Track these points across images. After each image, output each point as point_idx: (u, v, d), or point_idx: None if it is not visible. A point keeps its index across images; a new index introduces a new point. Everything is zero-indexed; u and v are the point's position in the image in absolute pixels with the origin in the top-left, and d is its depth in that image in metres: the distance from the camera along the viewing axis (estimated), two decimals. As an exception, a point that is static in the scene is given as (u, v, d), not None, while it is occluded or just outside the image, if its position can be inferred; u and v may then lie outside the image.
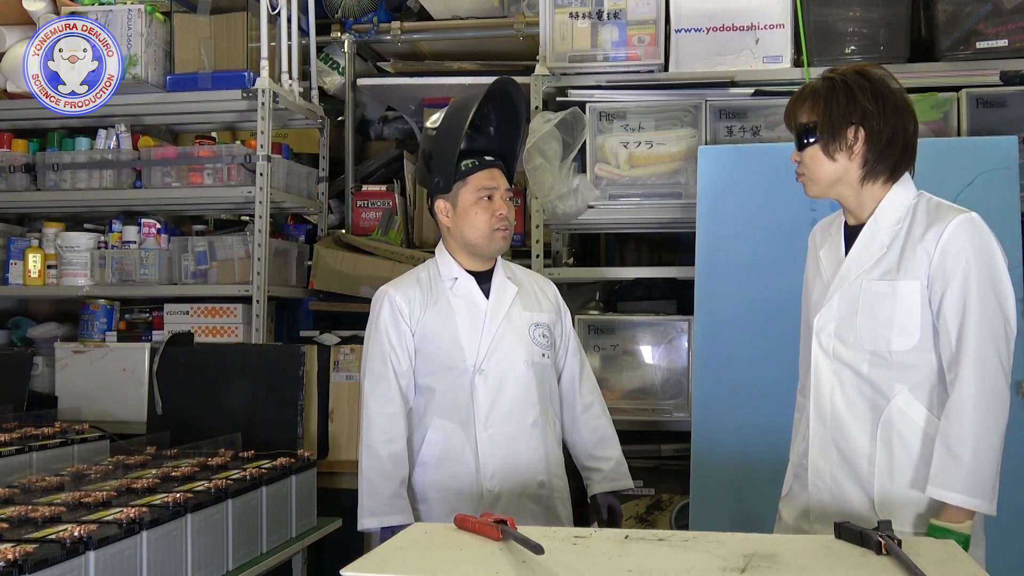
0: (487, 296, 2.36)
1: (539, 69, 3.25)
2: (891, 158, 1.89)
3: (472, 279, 2.37)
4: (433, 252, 3.79)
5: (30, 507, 2.00)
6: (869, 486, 1.88)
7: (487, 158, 2.33)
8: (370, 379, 2.35)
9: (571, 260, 3.52)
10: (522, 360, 2.33)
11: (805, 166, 1.93)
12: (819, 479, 1.94)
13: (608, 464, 2.42)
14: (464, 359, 2.32)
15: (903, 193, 1.92)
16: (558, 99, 3.24)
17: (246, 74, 3.51)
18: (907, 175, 1.94)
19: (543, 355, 2.36)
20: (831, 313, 1.94)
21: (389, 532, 2.25)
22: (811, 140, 1.90)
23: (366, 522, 2.29)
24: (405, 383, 2.35)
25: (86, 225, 3.96)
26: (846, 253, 1.96)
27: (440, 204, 2.36)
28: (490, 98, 2.33)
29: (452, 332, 2.33)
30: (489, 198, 2.31)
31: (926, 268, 1.84)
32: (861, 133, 1.88)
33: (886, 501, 1.86)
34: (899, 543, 1.50)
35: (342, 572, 1.44)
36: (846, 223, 1.99)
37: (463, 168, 2.31)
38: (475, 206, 2.31)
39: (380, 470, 2.29)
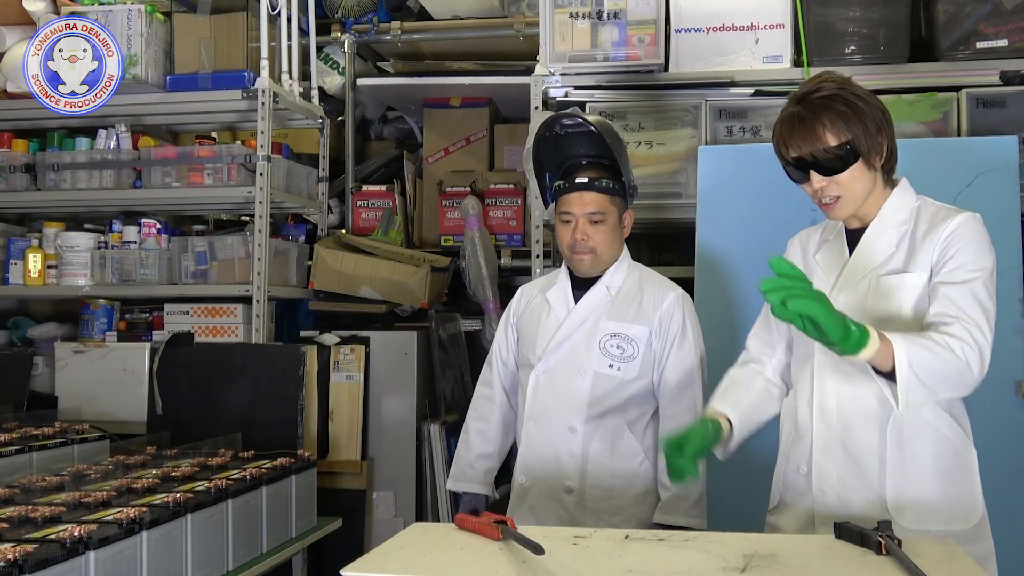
0: (578, 302, 2.41)
1: (539, 69, 3.25)
2: (896, 156, 1.92)
3: (568, 285, 2.44)
4: (432, 252, 3.85)
5: (30, 507, 2.00)
6: (880, 486, 1.86)
7: (579, 180, 2.35)
8: (485, 363, 2.61)
9: (571, 260, 3.52)
10: (582, 367, 2.34)
11: (842, 188, 1.85)
12: (824, 483, 1.90)
13: (666, 494, 2.31)
14: (534, 357, 2.41)
15: (905, 195, 1.93)
16: (558, 99, 3.24)
17: (246, 74, 3.51)
18: (905, 180, 1.96)
19: (610, 366, 2.34)
20: None
21: (463, 500, 2.56)
22: (853, 159, 1.83)
23: (448, 483, 2.59)
24: (504, 371, 2.55)
25: (86, 225, 3.97)
26: (850, 255, 1.95)
27: (555, 217, 2.45)
28: (560, 120, 2.39)
29: (534, 332, 2.44)
30: (569, 221, 2.36)
31: (931, 259, 1.85)
32: (885, 136, 1.87)
33: (898, 501, 1.84)
34: (899, 543, 1.51)
35: (342, 572, 1.45)
36: (846, 227, 1.97)
37: (555, 188, 2.41)
38: (560, 226, 2.39)
39: (465, 442, 2.56)
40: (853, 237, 1.96)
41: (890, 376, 1.69)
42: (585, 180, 2.35)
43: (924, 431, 1.86)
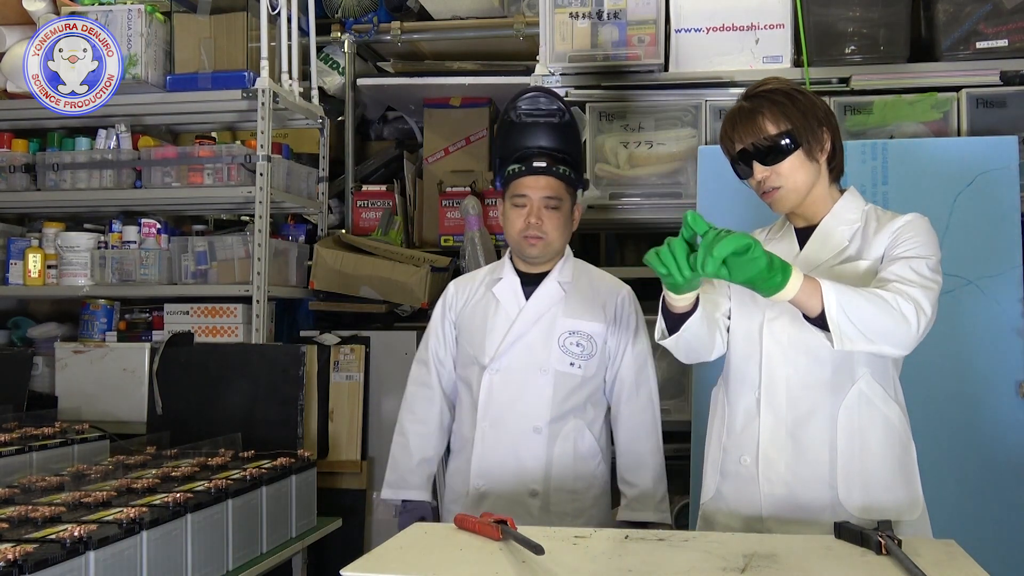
0: (529, 298, 2.36)
1: (539, 69, 3.25)
2: (842, 154, 1.97)
3: (516, 280, 2.39)
4: (432, 252, 3.85)
5: (30, 507, 2.00)
6: (831, 475, 1.86)
7: (536, 164, 2.33)
8: (415, 362, 2.50)
9: (571, 260, 3.52)
10: (543, 366, 2.30)
11: (783, 178, 1.89)
12: (772, 471, 1.90)
13: (632, 491, 2.31)
14: (484, 356, 2.35)
15: (855, 199, 1.98)
16: (558, 99, 3.24)
17: (246, 74, 3.51)
18: (854, 188, 2.01)
19: (571, 364, 2.31)
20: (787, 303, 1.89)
21: (406, 509, 2.42)
22: (792, 148, 1.87)
23: (384, 493, 2.45)
24: (442, 370, 2.46)
25: (86, 225, 3.96)
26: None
27: (502, 204, 2.43)
28: (520, 104, 2.38)
29: (481, 329, 2.37)
30: (523, 205, 2.32)
31: (882, 252, 1.88)
32: (826, 131, 1.91)
33: (849, 490, 1.85)
34: (899, 543, 1.51)
35: (342, 572, 1.45)
36: (795, 228, 2.00)
37: (509, 173, 2.37)
38: (511, 211, 2.36)
39: (403, 446, 2.44)
40: (801, 236, 1.98)
41: (821, 324, 1.69)
42: (543, 164, 2.33)
43: (875, 420, 1.87)
